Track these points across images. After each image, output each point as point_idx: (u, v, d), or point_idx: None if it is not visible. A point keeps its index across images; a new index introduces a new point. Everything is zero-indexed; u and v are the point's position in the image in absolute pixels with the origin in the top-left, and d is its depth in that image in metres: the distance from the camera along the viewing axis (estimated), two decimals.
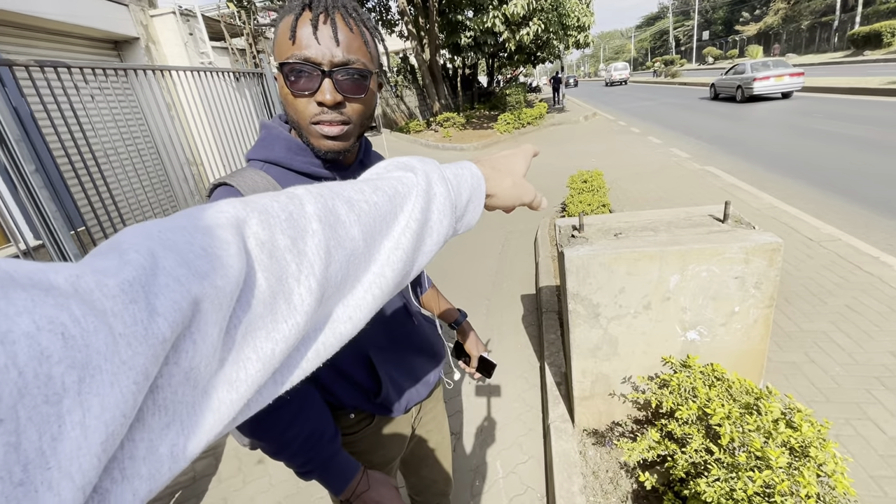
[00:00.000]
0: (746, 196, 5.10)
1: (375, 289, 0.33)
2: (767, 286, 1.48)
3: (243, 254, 0.24)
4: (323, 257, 0.28)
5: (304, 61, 0.65)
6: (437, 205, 0.36)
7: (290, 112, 0.71)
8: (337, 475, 0.77)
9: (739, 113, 11.86)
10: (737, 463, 1.20)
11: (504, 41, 12.33)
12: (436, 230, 0.36)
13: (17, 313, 0.15)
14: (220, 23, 8.11)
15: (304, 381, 0.80)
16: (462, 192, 0.39)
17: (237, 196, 0.70)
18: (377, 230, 0.32)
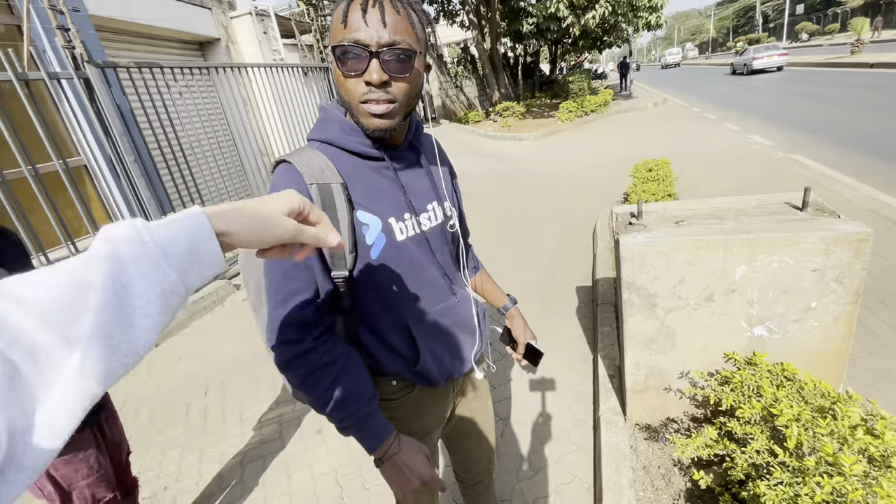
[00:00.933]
0: (840, 187, 4.59)
1: (80, 379, 0.32)
2: (852, 280, 1.34)
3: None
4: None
5: (354, 43, 0.70)
6: (134, 268, 0.35)
7: (343, 93, 0.76)
8: (371, 434, 0.83)
9: (833, 95, 10.59)
10: (804, 467, 1.11)
11: (568, 26, 11.86)
12: (142, 292, 0.35)
13: None
14: (291, 21, 8.56)
15: (348, 344, 0.86)
16: (177, 242, 0.38)
17: (297, 176, 0.77)
18: (62, 317, 0.31)
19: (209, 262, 0.41)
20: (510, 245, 4.58)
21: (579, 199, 5.69)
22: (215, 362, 3.29)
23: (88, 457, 1.31)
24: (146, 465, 2.33)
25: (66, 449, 1.25)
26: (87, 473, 1.31)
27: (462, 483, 1.31)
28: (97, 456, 1.34)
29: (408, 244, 0.86)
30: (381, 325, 0.88)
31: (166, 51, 6.43)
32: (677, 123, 10.20)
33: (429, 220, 0.90)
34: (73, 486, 1.29)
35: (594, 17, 11.29)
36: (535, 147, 10.46)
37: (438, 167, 0.96)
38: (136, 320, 0.35)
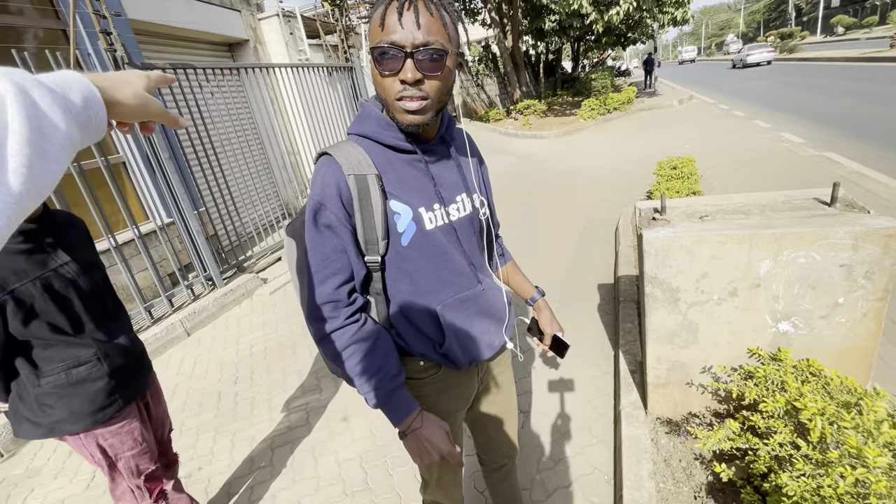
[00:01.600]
0: (874, 185, 4.44)
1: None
2: (881, 276, 1.33)
3: None
4: None
5: (391, 45, 0.75)
6: (44, 107, 0.35)
7: (380, 91, 0.82)
8: (397, 409, 0.90)
9: (870, 91, 10.17)
10: (827, 460, 1.12)
11: (591, 23, 11.72)
12: (53, 135, 0.36)
13: None
14: (316, 21, 8.72)
15: (378, 324, 0.92)
16: (72, 97, 0.39)
17: (337, 166, 0.83)
18: None
19: (96, 127, 0.42)
20: (532, 242, 4.59)
21: (601, 197, 5.65)
22: (245, 352, 3.42)
23: (133, 430, 1.41)
24: (181, 447, 2.45)
25: (115, 420, 1.35)
26: (132, 445, 1.40)
27: (485, 467, 1.35)
28: (141, 430, 1.44)
29: (436, 233, 0.91)
30: (410, 308, 0.93)
31: (198, 52, 6.65)
32: (704, 121, 9.98)
33: (458, 210, 0.95)
34: (120, 456, 1.39)
35: (618, 12, 11.12)
36: (557, 145, 10.39)
37: (469, 160, 1.01)
38: (48, 163, 0.35)
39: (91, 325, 1.31)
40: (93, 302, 1.33)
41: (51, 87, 0.38)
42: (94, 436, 1.33)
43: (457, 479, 1.18)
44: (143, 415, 1.50)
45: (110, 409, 1.33)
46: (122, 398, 1.36)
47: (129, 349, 1.42)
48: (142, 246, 3.75)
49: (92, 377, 1.29)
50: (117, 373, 1.35)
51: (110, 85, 0.46)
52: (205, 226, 4.44)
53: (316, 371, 2.99)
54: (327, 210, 0.84)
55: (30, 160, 0.33)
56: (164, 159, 3.99)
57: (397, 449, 2.18)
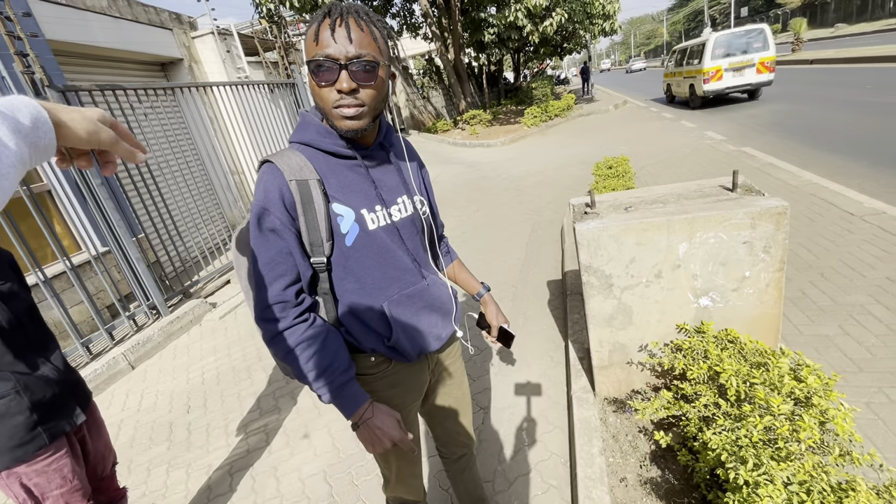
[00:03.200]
0: (784, 175, 4.93)
1: None
2: (776, 250, 1.52)
3: None
4: None
5: (325, 57, 0.81)
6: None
7: (318, 101, 0.88)
8: (348, 401, 0.94)
9: (778, 91, 11.28)
10: (743, 414, 1.26)
11: (528, 34, 12.28)
12: (2, 154, 0.38)
13: None
14: (254, 38, 8.57)
15: (327, 323, 0.96)
16: (21, 118, 0.42)
17: (278, 173, 0.87)
18: None
19: (45, 146, 0.44)
20: (485, 246, 4.72)
21: (547, 199, 5.90)
22: (196, 380, 3.27)
23: (62, 467, 1.31)
24: (132, 484, 2.32)
25: (40, 456, 1.27)
26: (60, 483, 1.31)
27: (445, 459, 1.40)
28: (73, 466, 1.34)
29: (379, 233, 0.96)
30: (358, 305, 0.98)
31: (128, 73, 6.36)
32: (637, 123, 10.66)
33: (399, 211, 1.01)
34: (47, 495, 1.30)
35: (552, 24, 11.73)
36: (504, 153, 10.73)
37: (408, 164, 1.07)
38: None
39: (9, 357, 1.24)
40: (12, 333, 1.26)
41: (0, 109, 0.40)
42: (16, 475, 1.25)
43: (415, 470, 1.22)
44: (77, 449, 1.41)
45: (32, 444, 1.24)
46: (47, 433, 1.27)
47: (56, 380, 1.34)
48: (74, 278, 3.52)
49: (10, 412, 1.21)
50: (41, 406, 1.27)
51: (58, 107, 0.48)
52: (145, 253, 4.22)
53: (273, 391, 2.92)
54: (271, 214, 0.88)
55: None
56: (95, 186, 3.77)
57: (361, 459, 2.17)
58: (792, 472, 1.02)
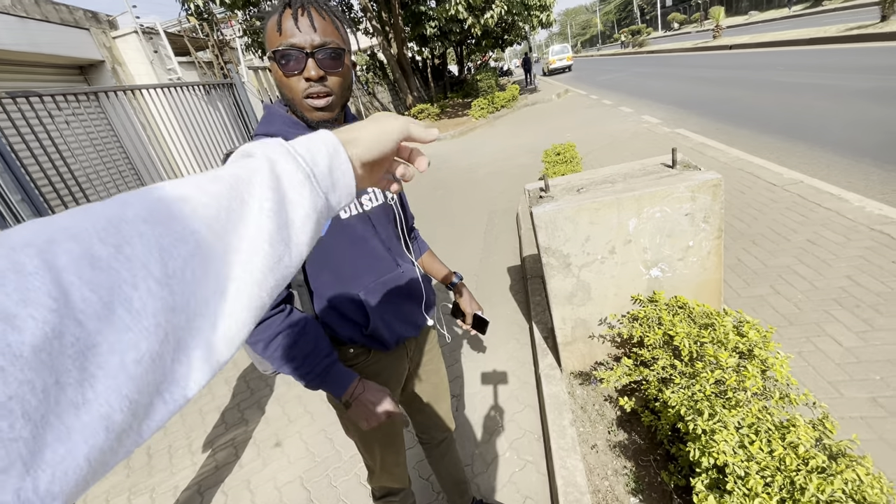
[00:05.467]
0: (715, 152, 5.30)
1: (247, 276, 0.31)
2: (714, 219, 1.65)
3: (45, 279, 0.21)
4: (157, 256, 0.26)
5: (291, 47, 0.81)
6: (288, 180, 0.35)
7: (286, 92, 0.86)
8: (336, 381, 0.94)
9: (704, 76, 12.08)
10: (696, 371, 1.37)
11: (469, 27, 12.38)
12: (299, 204, 0.35)
13: None
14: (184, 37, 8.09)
15: (304, 314, 0.95)
16: (318, 161, 0.38)
17: None
18: (225, 219, 0.31)
19: (345, 185, 0.40)
20: (443, 238, 4.76)
21: (501, 189, 6.02)
22: None
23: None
24: None
25: None
26: None
27: (426, 445, 1.42)
28: None
29: (352, 222, 0.96)
30: (334, 295, 0.97)
31: (42, 78, 5.82)
32: (580, 111, 11.06)
33: (370, 201, 1.01)
34: None
35: (492, 16, 11.88)
36: (454, 145, 10.80)
37: None
38: (294, 233, 0.35)
39: None
40: None
41: (299, 157, 0.37)
42: None
43: (400, 459, 1.23)
44: None
45: None
46: None
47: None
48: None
49: None
50: None
51: (351, 132, 0.43)
52: None
53: (238, 403, 2.81)
54: None
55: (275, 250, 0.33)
56: (14, 203, 3.44)
57: (338, 461, 2.15)
58: (742, 417, 1.13)
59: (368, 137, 0.43)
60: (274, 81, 0.88)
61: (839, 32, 12.40)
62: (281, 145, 0.37)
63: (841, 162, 4.28)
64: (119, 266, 0.25)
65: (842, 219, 3.12)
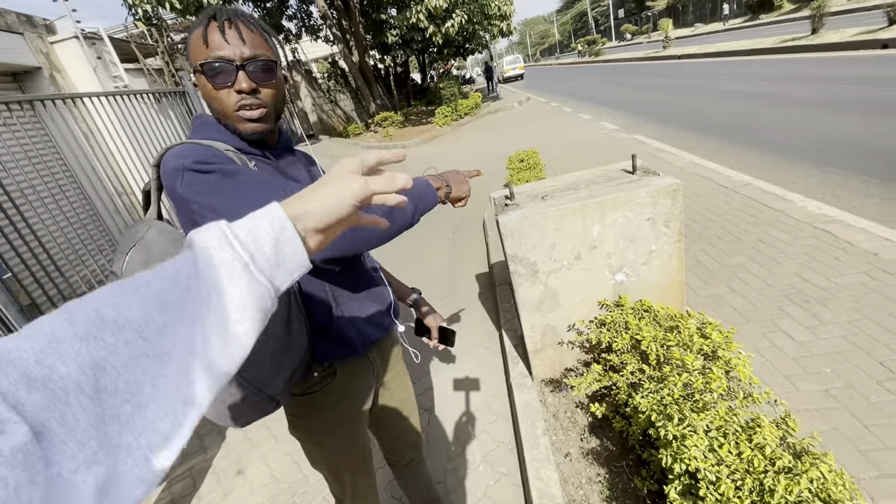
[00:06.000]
0: (671, 157, 5.51)
1: (177, 378, 0.32)
2: (674, 223, 1.68)
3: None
4: (90, 373, 0.28)
5: (220, 59, 0.78)
6: (225, 271, 0.35)
7: (215, 105, 0.81)
8: (426, 192, 0.90)
9: (657, 84, 12.64)
10: (664, 375, 1.38)
11: (431, 35, 12.45)
12: (236, 296, 0.35)
13: None
14: (131, 43, 7.70)
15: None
16: (262, 242, 0.37)
17: (202, 145, 0.77)
18: (161, 325, 0.31)
19: (294, 262, 0.39)
20: (412, 248, 4.70)
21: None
22: None
23: None
24: None
25: None
26: None
27: (395, 467, 1.36)
28: None
29: None
30: (301, 296, 0.90)
31: None
32: (541, 118, 11.30)
33: None
34: None
35: (453, 25, 12.01)
36: (419, 153, 10.78)
37: (317, 166, 1.04)
38: (230, 326, 0.34)
39: None
40: None
41: (238, 241, 0.36)
42: None
43: (371, 481, 1.17)
44: None
45: None
46: None
47: None
48: None
49: None
50: None
51: (300, 199, 0.41)
52: (16, 294, 3.59)
53: (196, 431, 2.64)
54: (225, 159, 0.77)
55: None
56: None
57: (305, 485, 2.05)
58: (710, 420, 1.14)
59: (321, 208, 0.42)
60: (202, 96, 0.82)
61: (776, 44, 13.30)
62: (221, 231, 0.36)
63: (784, 164, 4.54)
64: (53, 385, 0.26)
65: (788, 218, 3.29)
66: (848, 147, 4.54)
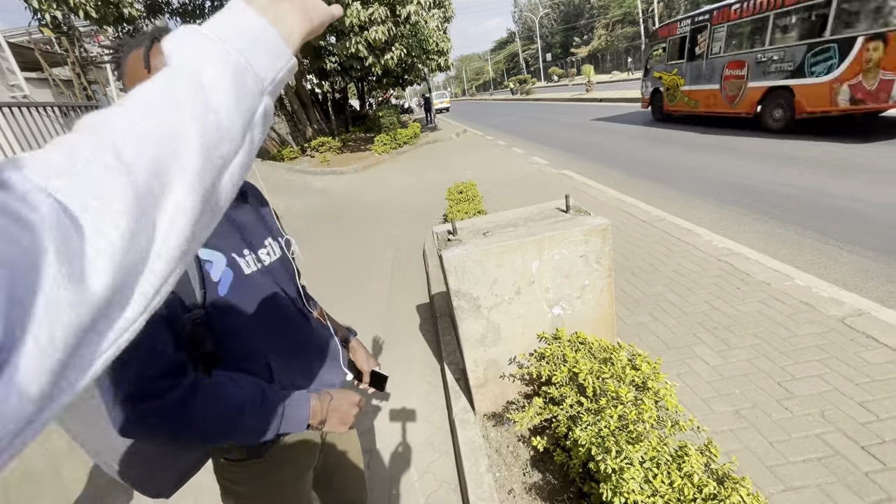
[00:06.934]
0: (595, 192, 5.95)
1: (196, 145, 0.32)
2: (605, 260, 1.80)
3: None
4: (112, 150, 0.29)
5: None
6: (196, 50, 0.35)
7: None
8: (293, 410, 0.82)
9: (588, 125, 13.73)
10: (600, 407, 1.44)
11: (370, 65, 12.62)
12: (213, 71, 0.35)
13: None
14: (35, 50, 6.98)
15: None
16: (226, 25, 0.38)
17: None
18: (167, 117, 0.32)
19: (269, 43, 0.38)
20: (349, 278, 4.58)
21: (406, 225, 6.05)
22: None
23: None
24: None
25: None
26: None
27: None
28: None
29: (255, 276, 0.86)
30: (240, 363, 0.83)
31: None
32: (478, 150, 11.75)
33: (268, 255, 0.92)
34: None
35: (392, 57, 12.28)
36: (357, 180, 10.70)
37: (269, 206, 0.99)
38: (211, 96, 0.34)
39: None
40: None
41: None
42: None
43: None
44: None
45: None
46: None
47: None
48: None
49: None
50: None
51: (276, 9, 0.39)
52: None
53: (94, 488, 2.31)
54: None
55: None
56: None
57: None
58: (644, 451, 1.20)
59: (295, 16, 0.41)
60: None
61: None
62: (188, 28, 0.37)
63: (692, 201, 5.08)
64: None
65: (697, 251, 3.66)
66: (739, 188, 5.21)
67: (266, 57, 0.38)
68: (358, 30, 11.42)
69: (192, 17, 12.92)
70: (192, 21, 12.82)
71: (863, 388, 1.99)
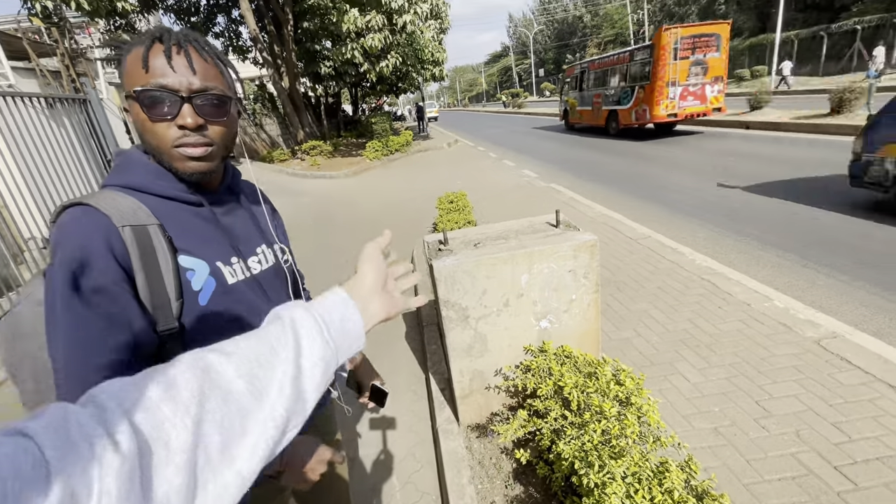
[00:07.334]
0: (584, 207, 6.04)
1: (271, 426, 0.40)
2: (592, 275, 1.83)
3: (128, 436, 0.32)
4: (197, 398, 0.36)
5: (161, 88, 0.69)
6: (304, 332, 0.46)
7: (149, 138, 0.72)
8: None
9: (572, 139, 13.97)
10: (584, 421, 1.46)
11: (365, 72, 12.68)
12: (308, 352, 0.45)
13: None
14: (22, 39, 6.85)
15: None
16: (333, 315, 0.50)
17: (100, 217, 0.66)
18: (257, 375, 0.41)
19: (355, 336, 0.50)
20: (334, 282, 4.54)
21: (395, 231, 5.98)
22: None
23: None
24: None
25: None
26: None
27: None
28: None
29: (240, 286, 0.82)
30: None
31: None
32: (469, 161, 11.84)
33: (259, 263, 0.88)
34: None
35: (387, 65, 12.36)
36: (349, 184, 10.67)
37: (263, 209, 0.96)
38: (303, 382, 0.43)
39: None
40: None
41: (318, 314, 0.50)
42: None
43: None
44: None
45: None
46: None
47: None
48: None
49: None
50: None
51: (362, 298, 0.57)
52: None
53: None
54: (94, 269, 0.64)
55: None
56: None
57: None
58: (626, 466, 1.21)
59: (376, 310, 0.58)
60: (134, 125, 0.74)
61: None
62: (303, 307, 0.49)
63: (676, 220, 5.19)
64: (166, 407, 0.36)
65: (681, 269, 3.73)
66: (722, 208, 5.34)
67: (348, 344, 0.49)
68: (355, 36, 11.48)
69: (186, 14, 12.83)
70: (186, 18, 12.72)
71: (836, 408, 2.04)
